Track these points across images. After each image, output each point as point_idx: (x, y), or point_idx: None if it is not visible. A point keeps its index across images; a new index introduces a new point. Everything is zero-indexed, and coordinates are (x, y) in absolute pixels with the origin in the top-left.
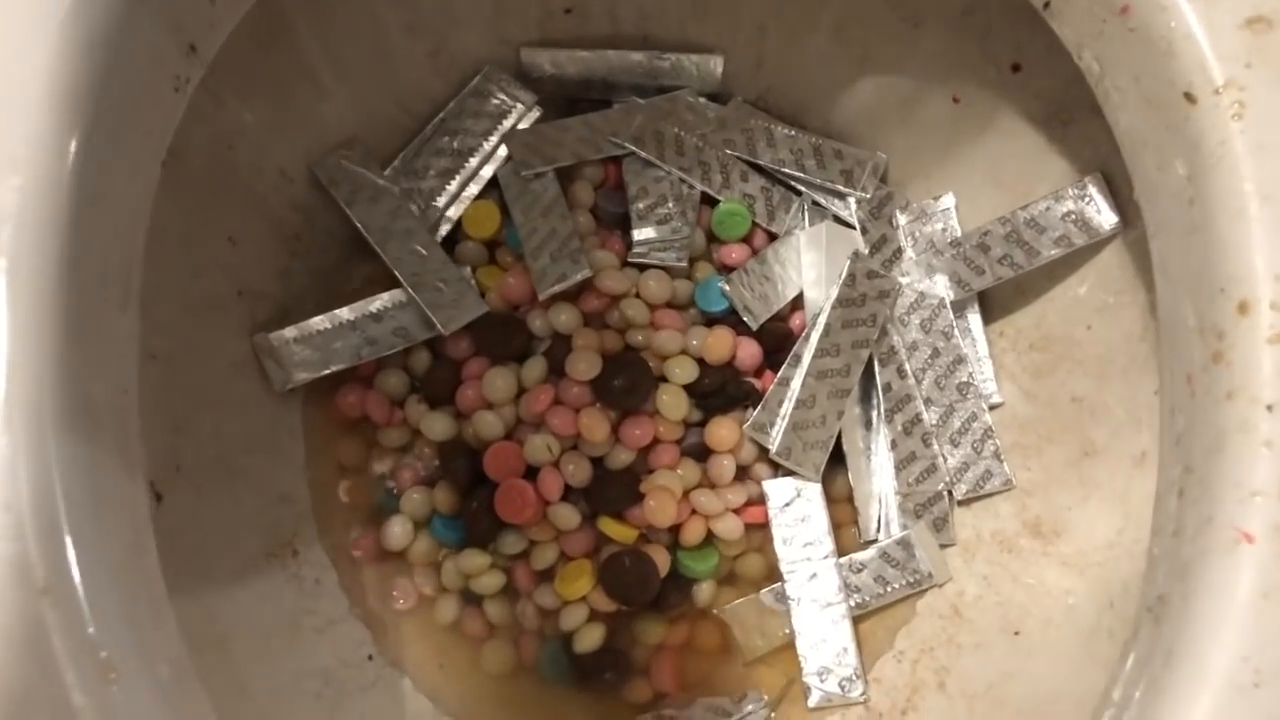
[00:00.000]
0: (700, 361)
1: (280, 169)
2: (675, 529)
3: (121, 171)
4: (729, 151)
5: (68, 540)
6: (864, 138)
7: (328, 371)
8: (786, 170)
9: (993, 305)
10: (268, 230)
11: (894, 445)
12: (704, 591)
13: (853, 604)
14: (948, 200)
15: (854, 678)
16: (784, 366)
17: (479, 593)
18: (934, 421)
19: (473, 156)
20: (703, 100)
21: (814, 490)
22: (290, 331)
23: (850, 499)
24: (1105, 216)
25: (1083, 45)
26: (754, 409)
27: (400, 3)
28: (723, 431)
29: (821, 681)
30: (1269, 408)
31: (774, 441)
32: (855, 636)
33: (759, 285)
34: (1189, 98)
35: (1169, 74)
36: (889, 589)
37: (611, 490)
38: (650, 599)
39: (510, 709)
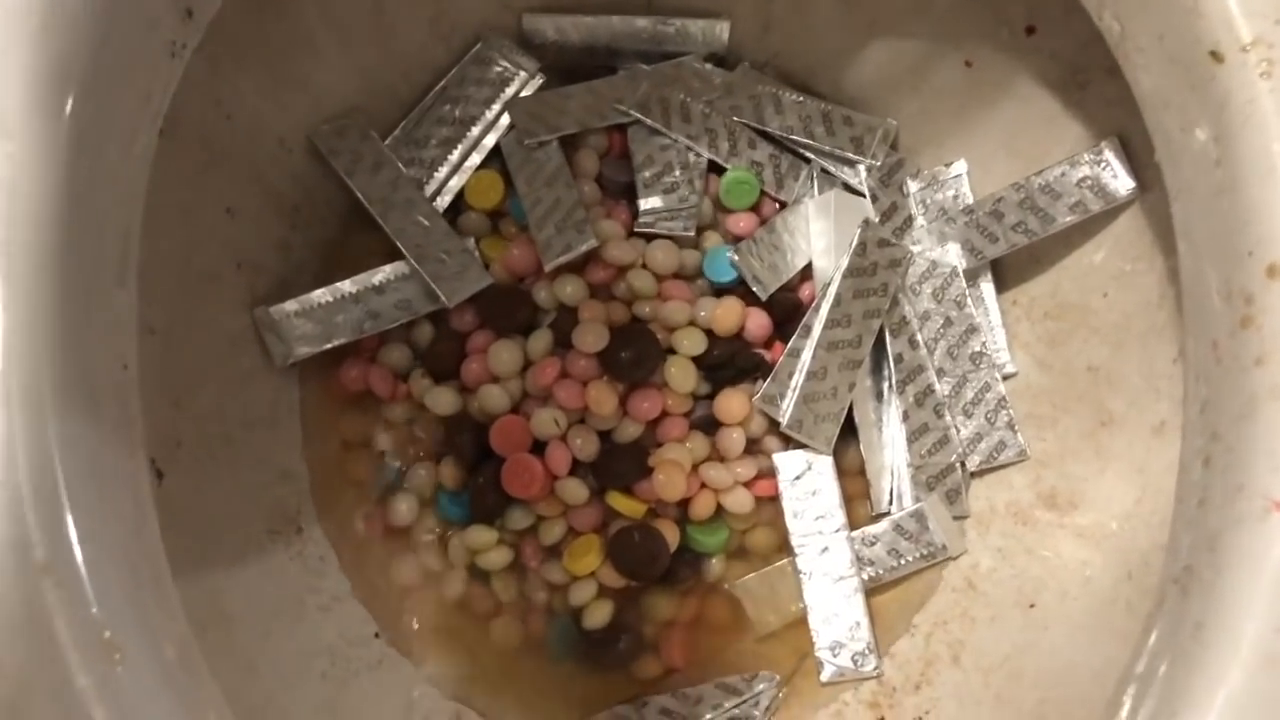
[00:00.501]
0: (709, 333)
1: (279, 139)
2: (684, 503)
3: (117, 138)
4: (736, 119)
5: (69, 518)
6: (874, 103)
7: (329, 346)
8: (795, 137)
9: (1007, 273)
10: (266, 201)
11: (906, 417)
12: (714, 566)
13: (866, 577)
14: (959, 166)
15: (867, 652)
16: (794, 338)
17: (486, 569)
18: (946, 392)
19: (475, 125)
20: (709, 66)
21: (825, 463)
22: (291, 305)
23: (862, 471)
24: (1122, 181)
25: (1103, 5)
26: (764, 381)
27: None
28: (732, 404)
29: (834, 656)
30: None
31: (785, 414)
32: (868, 611)
33: (768, 255)
34: (1215, 56)
35: (1194, 32)
36: (902, 562)
37: (619, 464)
38: (659, 574)
39: (518, 685)
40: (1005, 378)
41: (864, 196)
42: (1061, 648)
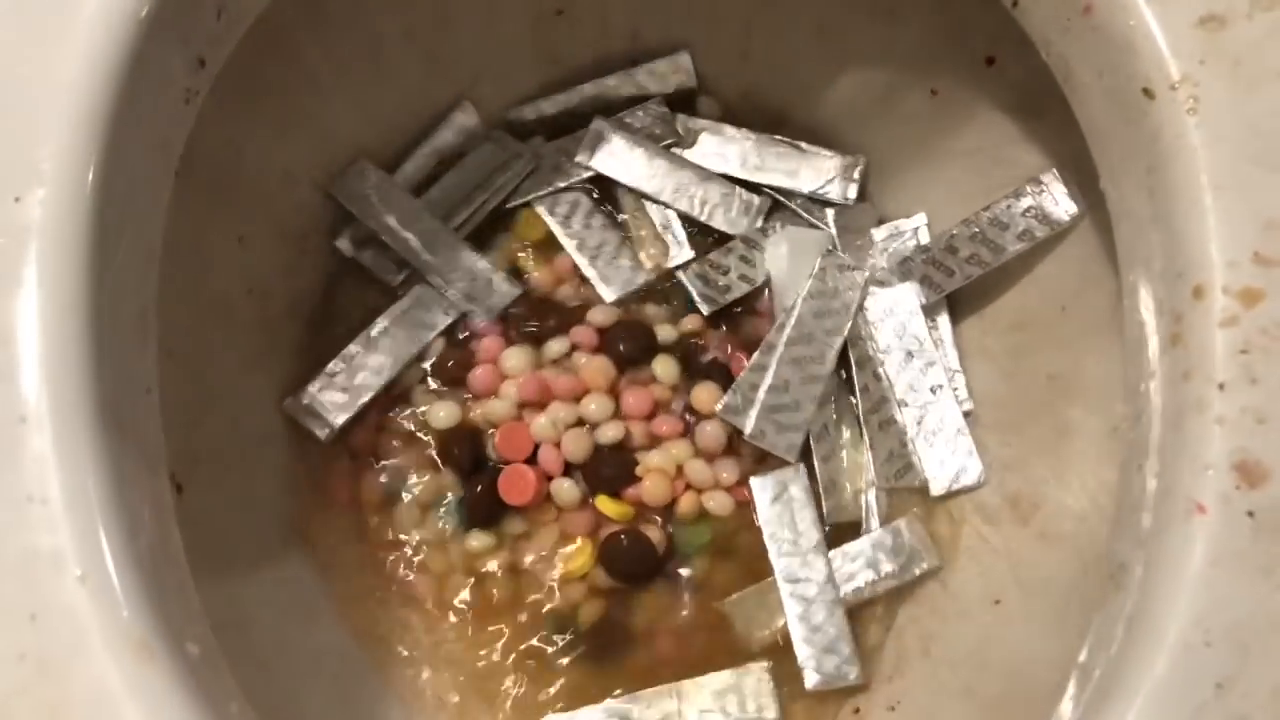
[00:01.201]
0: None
1: (285, 171)
2: (670, 504)
3: (139, 182)
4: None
5: (101, 532)
6: (846, 131)
7: (363, 403)
8: (760, 181)
9: (972, 289)
10: (274, 230)
11: (872, 444)
12: (700, 565)
13: (846, 592)
14: (919, 219)
15: (849, 662)
16: (757, 354)
17: (484, 572)
18: (908, 422)
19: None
20: (669, 111)
21: (799, 482)
22: (313, 387)
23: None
24: (1064, 207)
25: (1049, 42)
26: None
27: (397, 9)
28: (708, 395)
29: (818, 666)
30: (1221, 386)
31: (749, 423)
32: (847, 622)
33: (712, 275)
34: (1147, 93)
35: (1129, 70)
36: (881, 573)
37: (607, 470)
38: (648, 575)
39: (517, 684)
40: (965, 414)
41: (826, 231)
42: (1024, 641)
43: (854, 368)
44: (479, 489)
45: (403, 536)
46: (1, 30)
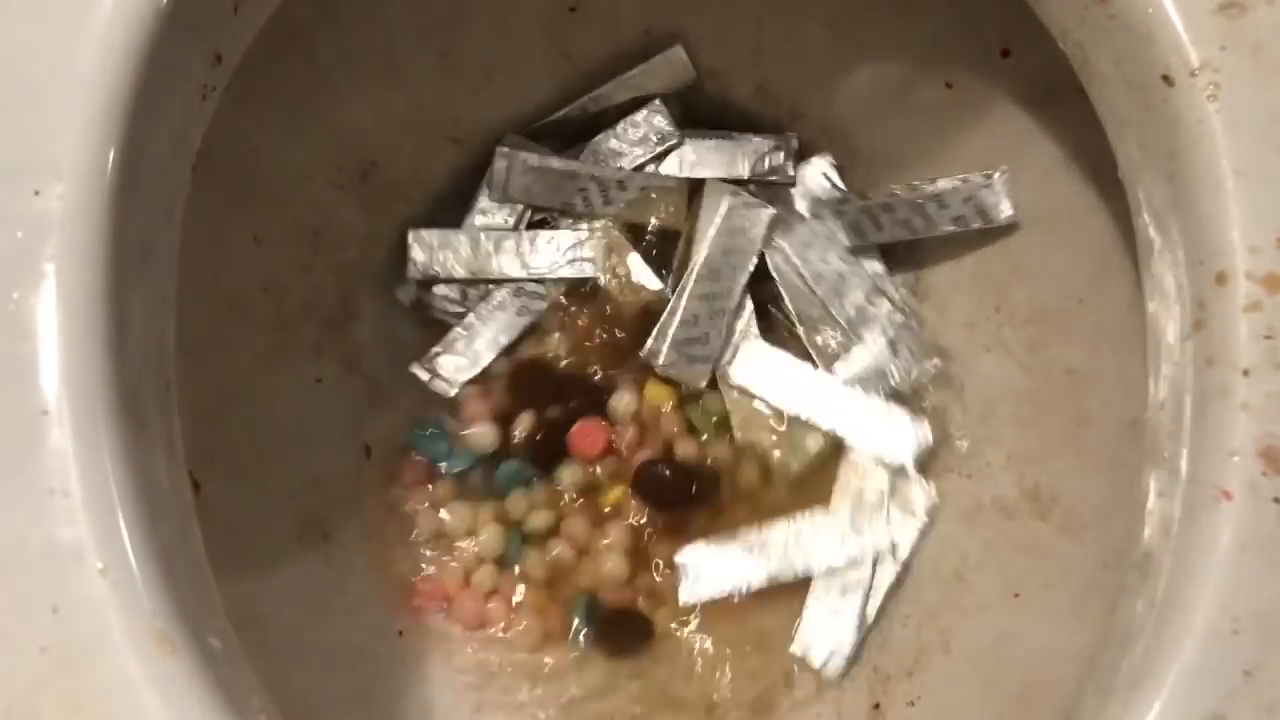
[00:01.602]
0: None
1: (300, 169)
2: None
3: (156, 178)
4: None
5: (122, 524)
6: (861, 125)
7: (481, 368)
8: (701, 176)
9: (990, 282)
10: (289, 228)
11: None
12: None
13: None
14: (823, 163)
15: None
16: (673, 296)
17: (528, 531)
18: (847, 325)
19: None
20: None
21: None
22: (437, 350)
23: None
24: (1002, 208)
25: (1066, 31)
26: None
27: (411, 7)
28: None
29: (805, 650)
30: (1245, 372)
31: (660, 358)
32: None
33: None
34: (1167, 80)
35: (1148, 58)
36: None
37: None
38: (684, 497)
39: (539, 681)
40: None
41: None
42: (1044, 634)
43: (786, 298)
44: (545, 434)
45: (441, 516)
46: (20, 26)
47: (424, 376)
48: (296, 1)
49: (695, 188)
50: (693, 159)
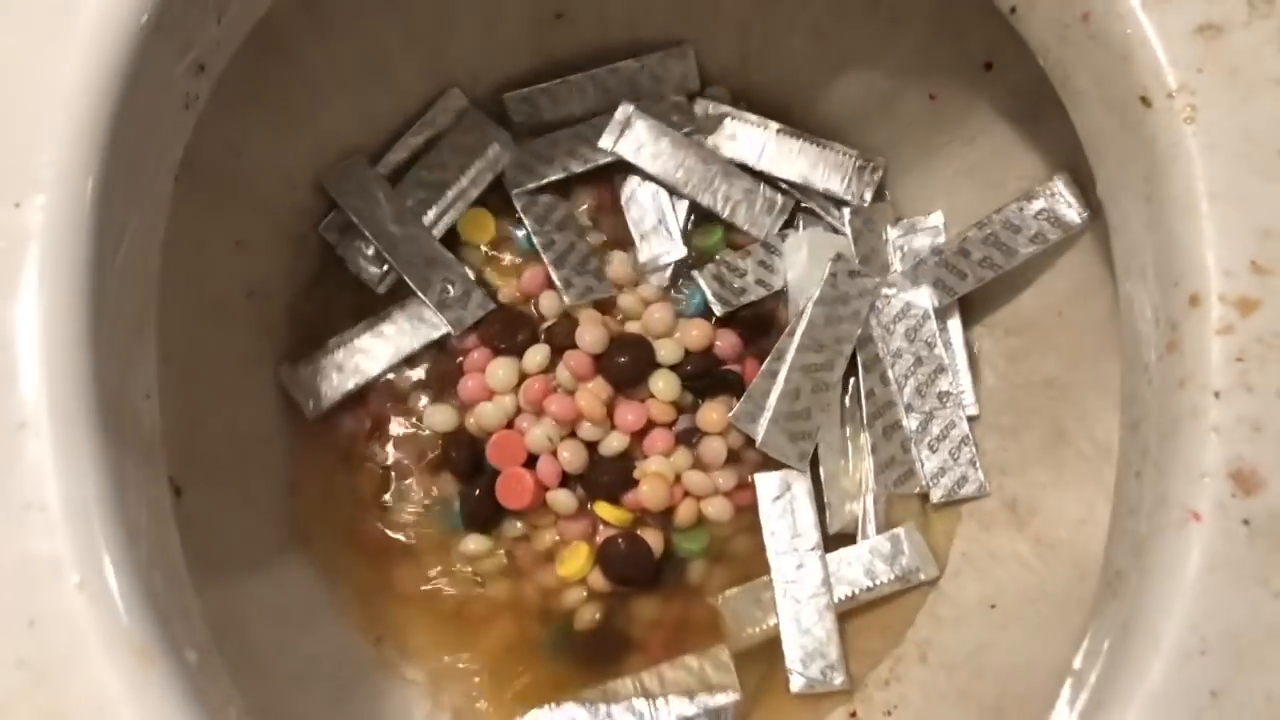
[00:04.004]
0: (686, 352)
1: (284, 175)
2: (669, 510)
3: (138, 189)
4: (717, 155)
5: (100, 538)
6: (846, 134)
7: (353, 387)
8: (784, 178)
9: (971, 293)
10: (273, 233)
11: (874, 449)
12: (696, 570)
13: (841, 597)
14: (937, 218)
15: (835, 667)
16: (768, 360)
17: (482, 575)
18: (914, 428)
19: (463, 176)
20: (686, 100)
21: (802, 484)
22: (309, 362)
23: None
24: (1075, 211)
25: (1047, 49)
26: (738, 399)
27: (396, 13)
28: (714, 414)
29: (804, 669)
30: (1217, 394)
31: (760, 431)
32: (838, 628)
33: (731, 277)
34: (1145, 101)
35: (1126, 78)
36: (877, 583)
37: (606, 477)
38: (646, 580)
39: (514, 687)
40: (970, 419)
41: (844, 235)
42: (1020, 646)
43: (860, 371)
44: (477, 492)
45: (401, 539)
46: (2, 36)
47: (290, 386)
48: (282, 7)
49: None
50: (773, 152)
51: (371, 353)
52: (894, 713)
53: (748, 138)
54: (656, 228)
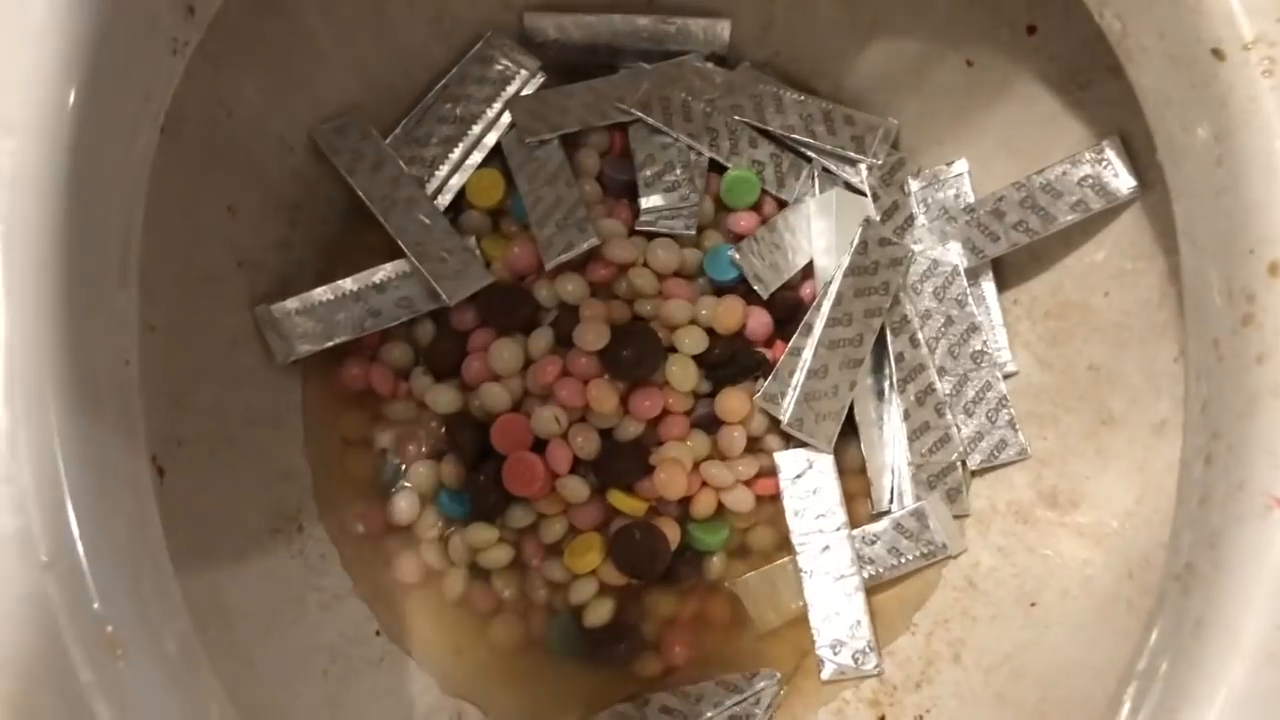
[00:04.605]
0: (710, 331)
1: (280, 137)
2: (685, 501)
3: (119, 135)
4: (737, 118)
5: (71, 515)
6: (875, 103)
7: (331, 344)
8: (796, 136)
9: (1008, 272)
10: (267, 200)
11: (907, 415)
12: (715, 564)
13: (866, 575)
14: (960, 165)
15: (867, 650)
16: (795, 336)
17: (487, 566)
18: (947, 391)
19: (476, 123)
20: (710, 65)
21: (826, 462)
22: (292, 303)
23: (863, 470)
24: (1123, 180)
25: (1104, 3)
26: (764, 379)
27: None
28: (733, 403)
29: (835, 654)
30: None
31: (785, 412)
32: (869, 609)
33: (769, 253)
34: (1217, 54)
35: (1195, 30)
36: (903, 560)
37: (620, 463)
38: (660, 572)
39: (519, 683)
40: (1006, 376)
41: (865, 195)
42: (1062, 646)
43: (888, 334)
44: (483, 479)
45: (401, 527)
46: None
47: (265, 327)
48: None
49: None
50: (787, 113)
51: (357, 312)
52: (926, 717)
53: (763, 101)
54: (661, 177)
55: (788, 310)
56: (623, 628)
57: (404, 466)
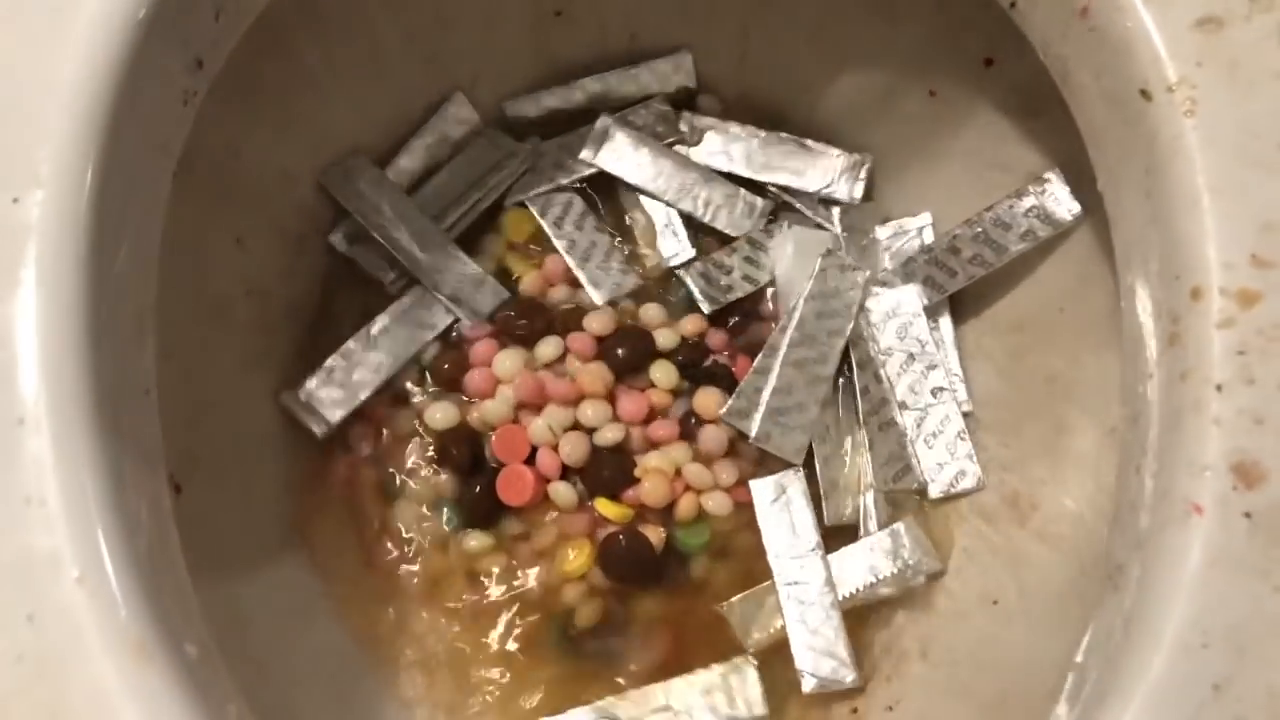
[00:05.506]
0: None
1: (284, 171)
2: (670, 505)
3: (137, 185)
4: (693, 162)
5: (99, 533)
6: (845, 132)
7: (360, 402)
8: (766, 180)
9: (971, 289)
10: (273, 231)
11: (871, 446)
12: (699, 565)
13: (844, 595)
14: (924, 218)
15: (845, 665)
16: (760, 356)
17: (482, 572)
18: (909, 424)
19: (476, 192)
20: (671, 109)
21: (797, 485)
22: (311, 383)
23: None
24: (1066, 207)
25: (1048, 44)
26: (729, 392)
27: (396, 10)
28: (710, 400)
29: (815, 670)
30: (1218, 387)
31: (754, 427)
32: (844, 626)
33: (715, 273)
34: (1145, 95)
35: (1126, 72)
36: (880, 578)
37: (606, 471)
38: (647, 577)
39: (513, 685)
40: (965, 415)
41: (832, 232)
42: (1021, 641)
43: (855, 369)
44: (477, 489)
45: (402, 534)
46: (0, 31)
47: (297, 411)
48: (279, 5)
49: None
50: (761, 160)
51: (373, 364)
52: (895, 708)
53: (733, 147)
54: (662, 231)
55: (745, 324)
56: (612, 629)
57: (402, 478)
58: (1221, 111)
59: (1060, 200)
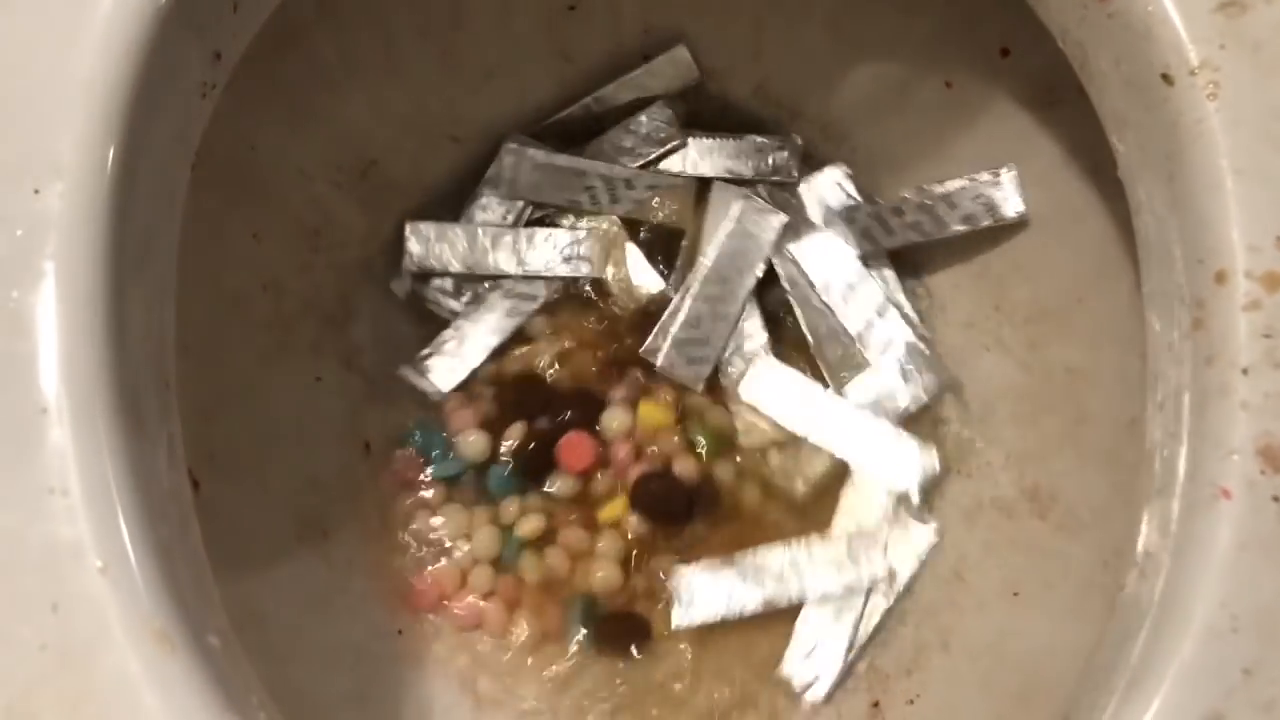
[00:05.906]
0: None
1: (300, 168)
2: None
3: (156, 176)
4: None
5: (121, 523)
6: (860, 124)
7: (472, 368)
8: (707, 174)
9: (987, 281)
10: (289, 227)
11: (824, 357)
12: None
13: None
14: (841, 169)
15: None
16: (676, 296)
17: (521, 537)
18: (861, 343)
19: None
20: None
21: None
22: (427, 352)
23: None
24: (1012, 205)
25: (1066, 30)
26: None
27: (411, 6)
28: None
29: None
30: (1244, 371)
31: (660, 357)
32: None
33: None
34: (1166, 79)
35: (1147, 57)
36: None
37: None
38: (680, 514)
39: (538, 680)
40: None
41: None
42: (1043, 632)
43: (797, 309)
44: (533, 446)
45: (434, 522)
46: (21, 25)
47: (414, 379)
48: (296, 0)
49: (702, 188)
50: (696, 158)
51: (482, 334)
52: (916, 701)
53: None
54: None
55: None
56: (633, 619)
57: (452, 435)
58: (1245, 94)
59: (1008, 197)
